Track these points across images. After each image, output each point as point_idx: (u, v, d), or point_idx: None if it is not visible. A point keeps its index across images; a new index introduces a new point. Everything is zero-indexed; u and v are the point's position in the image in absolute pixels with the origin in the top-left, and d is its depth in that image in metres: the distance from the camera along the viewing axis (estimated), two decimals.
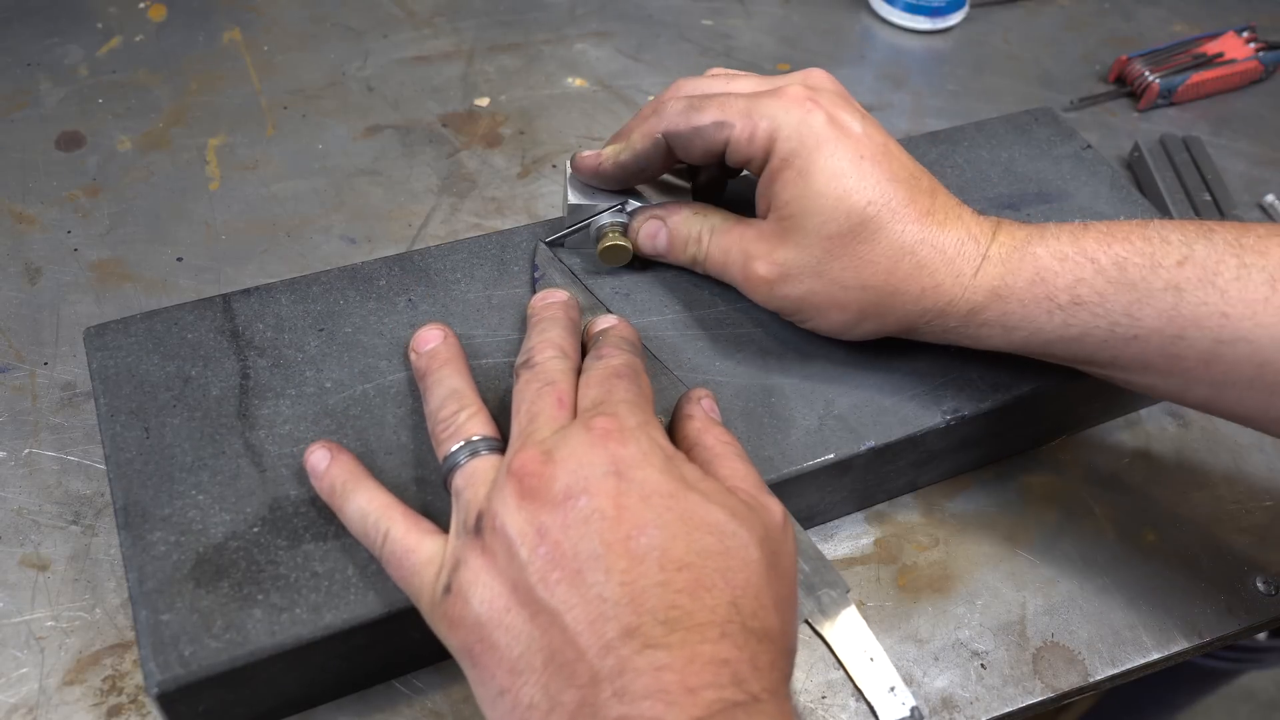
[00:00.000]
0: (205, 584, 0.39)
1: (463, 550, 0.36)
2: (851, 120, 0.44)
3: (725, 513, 0.35)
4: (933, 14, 0.82)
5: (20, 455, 0.51)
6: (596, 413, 0.37)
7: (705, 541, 0.34)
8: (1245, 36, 0.80)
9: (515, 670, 0.33)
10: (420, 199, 0.65)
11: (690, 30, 0.81)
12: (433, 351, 0.43)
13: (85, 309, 0.57)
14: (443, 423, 0.40)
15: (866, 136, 0.43)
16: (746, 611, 0.33)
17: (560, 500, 0.34)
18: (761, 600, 0.34)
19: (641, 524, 0.33)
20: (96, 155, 0.66)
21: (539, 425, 0.37)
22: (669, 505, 0.34)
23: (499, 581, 0.34)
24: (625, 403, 0.37)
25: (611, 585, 0.32)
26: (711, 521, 0.34)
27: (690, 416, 0.42)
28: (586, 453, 0.35)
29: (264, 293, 0.49)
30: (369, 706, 0.43)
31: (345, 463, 0.41)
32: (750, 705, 0.31)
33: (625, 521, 0.33)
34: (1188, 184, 0.68)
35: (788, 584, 0.36)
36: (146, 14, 0.77)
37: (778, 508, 0.37)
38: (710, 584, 0.33)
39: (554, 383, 0.39)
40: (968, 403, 0.48)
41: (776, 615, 0.34)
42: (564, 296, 0.45)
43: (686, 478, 0.36)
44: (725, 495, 0.36)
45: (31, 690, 0.43)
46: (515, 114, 0.72)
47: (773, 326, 0.50)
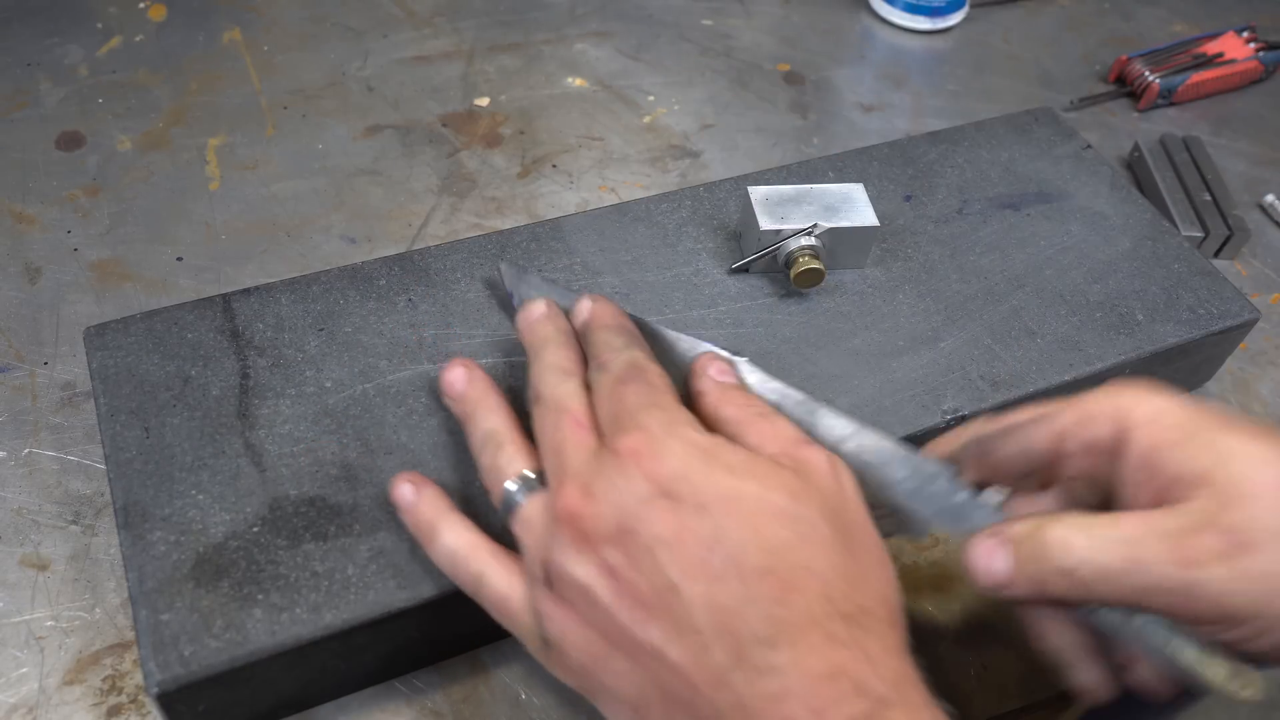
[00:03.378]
0: (205, 584, 0.39)
1: (541, 603, 0.35)
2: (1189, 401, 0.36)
3: (785, 495, 0.33)
4: (933, 14, 0.82)
5: (20, 455, 0.51)
6: (618, 431, 0.35)
7: (775, 535, 0.32)
8: (1245, 36, 0.80)
9: (637, 708, 0.33)
10: (420, 199, 0.65)
11: (690, 30, 0.81)
12: (461, 395, 0.42)
13: (85, 309, 0.57)
14: (487, 471, 0.39)
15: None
16: (839, 596, 0.32)
17: (615, 536, 0.33)
18: (849, 576, 0.32)
19: (707, 540, 0.32)
20: (96, 155, 0.66)
21: (568, 457, 0.36)
22: (727, 509, 0.32)
23: (589, 630, 0.33)
24: (643, 409, 0.36)
25: (700, 613, 0.31)
26: (774, 510, 0.33)
27: (702, 393, 0.40)
28: (624, 481, 0.33)
29: (264, 293, 0.49)
30: (369, 706, 0.43)
31: (432, 498, 0.40)
32: (878, 713, 0.30)
33: (689, 542, 0.32)
34: (1188, 184, 0.68)
35: (864, 538, 0.34)
36: (146, 14, 0.77)
37: (820, 456, 0.35)
38: (796, 582, 0.31)
39: (566, 409, 0.37)
40: (968, 403, 0.48)
41: (868, 584, 0.33)
42: (543, 309, 0.43)
43: (732, 466, 0.34)
44: (775, 471, 0.34)
45: (31, 690, 0.43)
46: (515, 114, 0.72)
47: (773, 326, 0.50)
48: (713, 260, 0.53)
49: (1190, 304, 0.53)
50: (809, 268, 0.49)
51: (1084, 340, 0.51)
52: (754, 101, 0.75)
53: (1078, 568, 0.34)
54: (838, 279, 0.53)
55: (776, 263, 0.51)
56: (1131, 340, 0.51)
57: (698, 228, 0.55)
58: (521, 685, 0.44)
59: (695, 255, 0.53)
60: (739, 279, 0.52)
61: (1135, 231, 0.57)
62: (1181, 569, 0.33)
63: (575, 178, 0.68)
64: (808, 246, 0.50)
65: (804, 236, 0.50)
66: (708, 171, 0.69)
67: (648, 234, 0.54)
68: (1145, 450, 0.35)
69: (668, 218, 0.55)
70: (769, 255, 0.51)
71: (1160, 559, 0.33)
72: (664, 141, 0.71)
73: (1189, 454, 0.34)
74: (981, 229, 0.56)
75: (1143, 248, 0.56)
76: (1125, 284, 0.54)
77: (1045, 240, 0.56)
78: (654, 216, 0.55)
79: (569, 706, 0.44)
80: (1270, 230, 0.69)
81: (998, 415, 0.39)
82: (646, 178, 0.68)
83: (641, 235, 0.54)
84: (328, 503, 0.42)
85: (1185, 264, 0.55)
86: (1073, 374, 0.50)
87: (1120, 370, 0.51)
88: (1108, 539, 0.34)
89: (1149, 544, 0.33)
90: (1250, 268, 0.66)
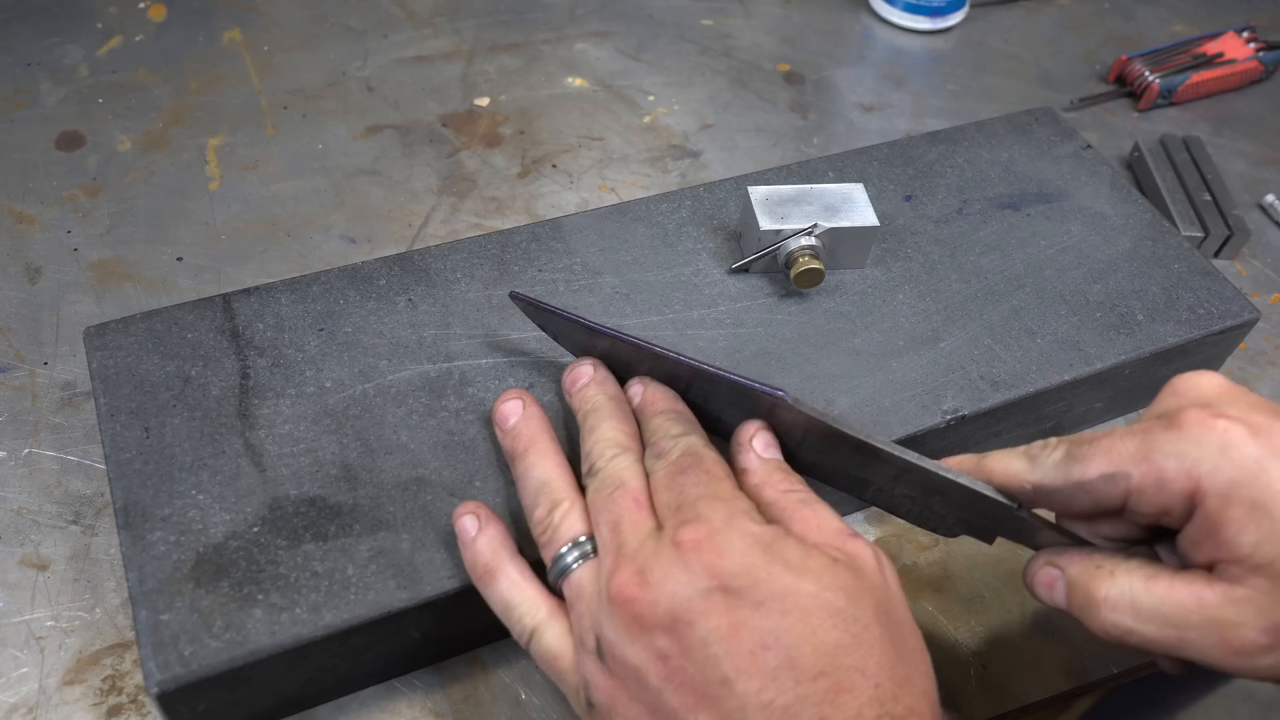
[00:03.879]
0: (205, 584, 0.39)
1: (591, 671, 0.35)
2: (1274, 423, 0.35)
3: (841, 595, 0.33)
4: (933, 14, 0.82)
5: (20, 455, 0.51)
6: (679, 521, 0.35)
7: (831, 636, 0.32)
8: (1245, 36, 0.80)
9: None
10: (420, 199, 0.65)
11: (690, 30, 0.81)
12: (515, 430, 0.41)
13: (85, 309, 0.57)
14: (539, 525, 0.39)
15: None
16: (889, 698, 0.32)
17: (669, 625, 0.33)
18: (898, 677, 0.32)
19: (763, 638, 0.32)
20: (96, 155, 0.66)
21: (625, 536, 0.35)
22: (784, 608, 0.32)
23: (638, 706, 0.33)
24: (703, 500, 0.35)
25: (752, 710, 0.31)
26: (831, 610, 0.33)
27: (745, 470, 0.39)
28: (682, 572, 0.33)
29: (264, 292, 0.49)
30: (369, 706, 0.43)
31: (492, 540, 0.39)
32: None
33: (745, 639, 0.32)
34: (1188, 184, 0.68)
35: (909, 635, 0.34)
36: (146, 14, 0.77)
37: (867, 551, 0.35)
38: (849, 684, 0.31)
39: (623, 484, 0.37)
40: (968, 403, 0.48)
41: (914, 683, 0.33)
42: (589, 373, 0.43)
43: (791, 563, 0.33)
44: (831, 570, 0.34)
45: (31, 690, 0.43)
46: (515, 114, 0.72)
47: (773, 326, 0.50)
48: (713, 260, 0.53)
49: (1190, 304, 0.53)
50: (809, 268, 0.49)
51: (1084, 340, 0.51)
52: (754, 101, 0.75)
53: (1125, 635, 0.36)
54: (838, 279, 0.53)
55: (776, 263, 0.51)
56: (1131, 340, 0.51)
57: (698, 228, 0.55)
58: (521, 685, 0.44)
59: (695, 255, 0.53)
60: (739, 279, 0.52)
61: (1135, 231, 0.57)
62: (1228, 656, 0.34)
63: (575, 178, 0.68)
64: (808, 246, 0.50)
65: (804, 236, 0.50)
66: (708, 171, 0.69)
67: (648, 234, 0.54)
68: (1212, 521, 0.34)
69: (668, 218, 0.55)
70: (769, 255, 0.51)
71: (1207, 643, 0.34)
72: (664, 141, 0.71)
73: (1252, 531, 0.33)
74: (981, 229, 0.56)
75: (1143, 248, 0.56)
76: (1125, 284, 0.54)
77: (1045, 240, 0.56)
78: (654, 216, 0.55)
79: (569, 707, 0.44)
80: (1270, 230, 0.69)
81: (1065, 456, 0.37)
82: (646, 178, 0.68)
83: (641, 235, 0.54)
84: (328, 503, 0.42)
85: (1185, 264, 0.55)
86: (1073, 374, 0.50)
87: (1120, 370, 0.51)
88: (1157, 617, 0.35)
89: (1198, 629, 0.34)
90: (1250, 268, 0.66)
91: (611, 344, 0.43)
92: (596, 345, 0.43)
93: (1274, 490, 0.33)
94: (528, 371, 0.47)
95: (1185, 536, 0.35)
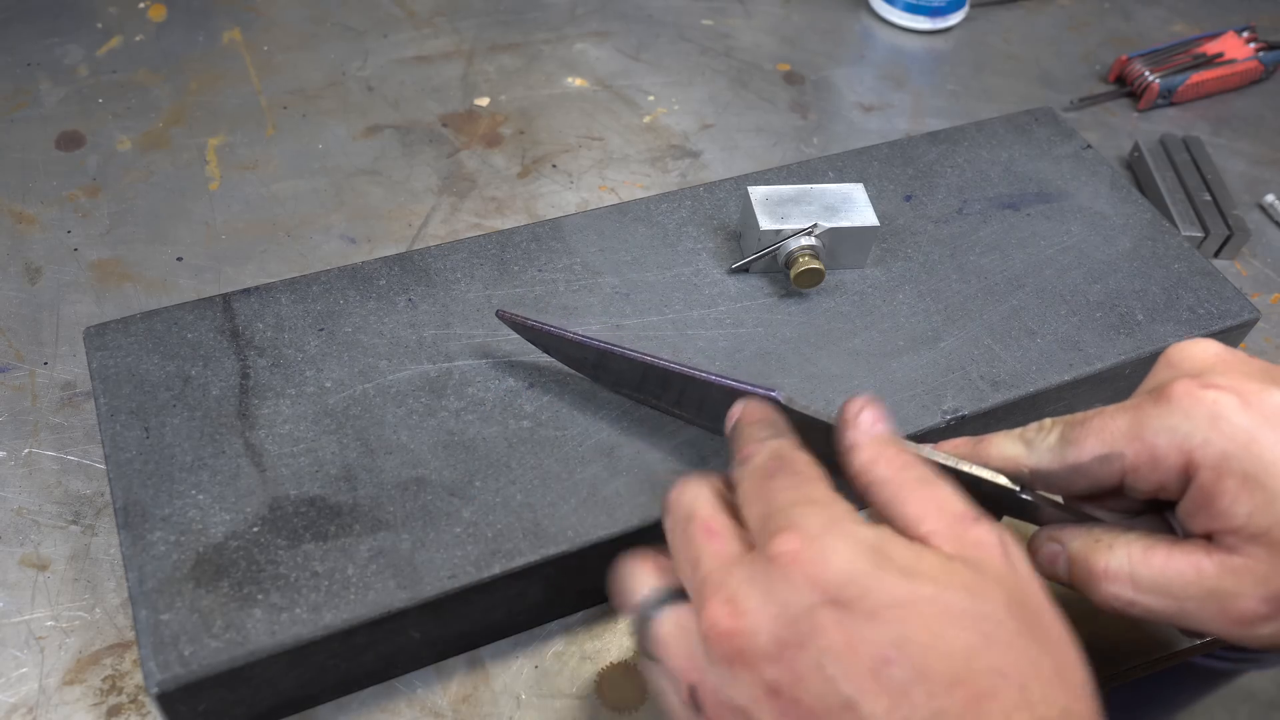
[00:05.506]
0: (205, 584, 0.39)
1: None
2: (1268, 391, 0.34)
3: (964, 594, 0.29)
4: (933, 14, 0.82)
5: (20, 455, 0.51)
6: (771, 532, 0.31)
7: (960, 640, 0.29)
8: (1245, 36, 0.80)
9: None
10: (420, 199, 0.65)
11: (690, 30, 0.81)
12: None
13: (85, 309, 0.57)
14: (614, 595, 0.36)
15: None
16: (1039, 700, 0.28)
17: (776, 653, 0.29)
18: (1045, 674, 0.29)
19: (884, 651, 0.28)
20: (96, 155, 0.66)
21: (706, 569, 0.32)
22: (903, 615, 0.29)
23: None
24: (795, 505, 0.32)
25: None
26: (956, 612, 0.29)
27: (853, 448, 0.35)
28: (783, 590, 0.30)
29: (264, 292, 0.49)
30: (369, 706, 0.43)
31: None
32: None
33: (864, 654, 0.28)
34: (1188, 184, 0.68)
35: (1051, 624, 0.31)
36: (146, 14, 0.77)
37: (991, 536, 0.32)
38: (990, 689, 0.28)
39: (692, 515, 0.34)
40: (968, 403, 0.48)
41: (1065, 678, 0.30)
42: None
43: (904, 566, 0.30)
44: (950, 568, 0.30)
45: (31, 690, 0.43)
46: (515, 114, 0.72)
47: (773, 326, 0.50)
48: (713, 260, 0.53)
49: (1190, 304, 0.53)
50: (809, 268, 0.49)
51: (1084, 340, 0.51)
52: (754, 101, 0.75)
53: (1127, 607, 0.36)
54: (838, 279, 0.53)
55: (776, 263, 0.51)
56: (1131, 340, 0.51)
57: (698, 228, 0.55)
58: (521, 685, 0.44)
59: (695, 255, 0.53)
60: (739, 279, 0.52)
61: (1135, 231, 0.57)
62: (1229, 625, 0.34)
63: (575, 178, 0.68)
64: (808, 246, 0.50)
65: (804, 236, 0.50)
66: (708, 171, 0.69)
67: (648, 234, 0.54)
68: (1206, 494, 0.34)
69: (668, 218, 0.55)
70: (769, 255, 0.51)
71: (1207, 613, 0.35)
72: (664, 141, 0.71)
73: (1245, 502, 0.33)
74: (981, 229, 0.56)
75: (1143, 248, 0.56)
76: (1125, 284, 0.54)
77: (1045, 240, 0.56)
78: (654, 216, 0.55)
79: (569, 707, 0.44)
80: (1270, 230, 0.69)
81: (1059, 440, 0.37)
82: (646, 178, 0.68)
83: (641, 235, 0.54)
84: (328, 503, 0.42)
85: (1185, 264, 0.55)
86: (1073, 374, 0.50)
87: (1120, 370, 0.51)
88: (1156, 587, 0.35)
89: (1197, 599, 0.35)
90: (1250, 268, 0.66)
91: (600, 355, 0.43)
92: (586, 357, 0.43)
93: (1265, 460, 0.33)
94: (527, 372, 0.47)
95: (1182, 508, 0.35)
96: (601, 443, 0.45)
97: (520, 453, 0.44)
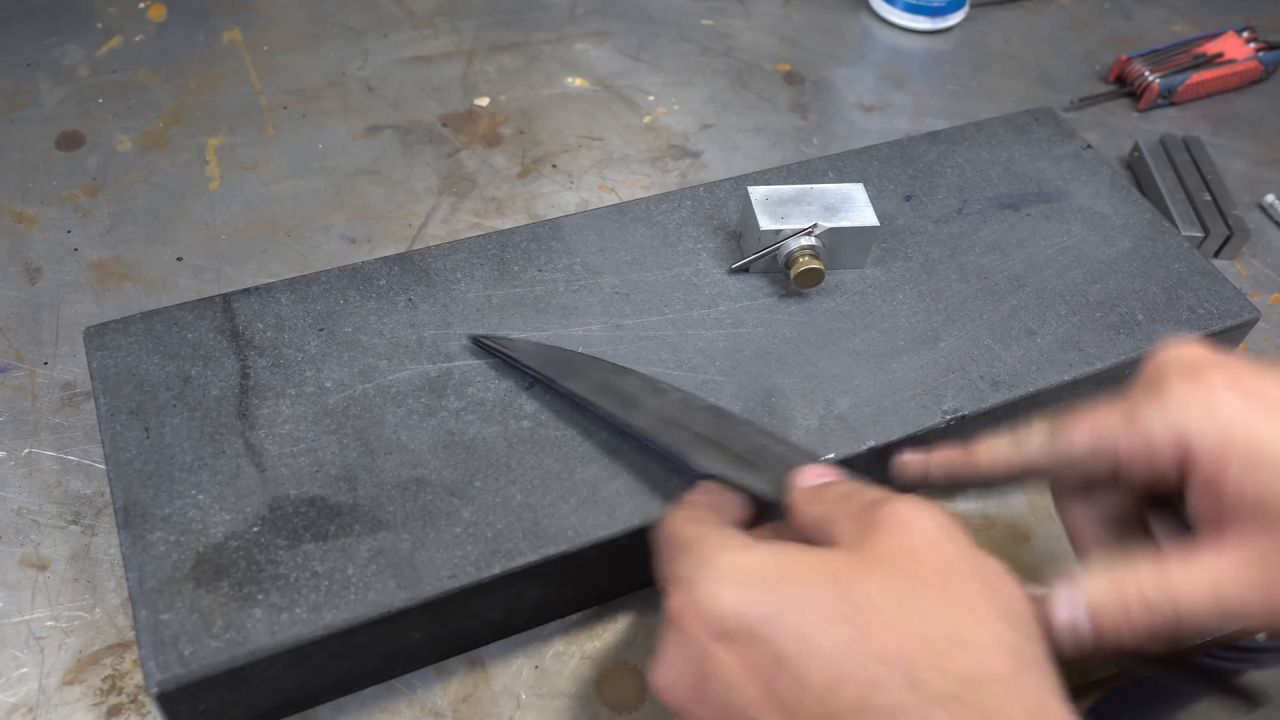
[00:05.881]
0: (205, 584, 0.39)
1: None
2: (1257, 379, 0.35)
3: (833, 588, 0.30)
4: (933, 14, 0.82)
5: (20, 455, 0.51)
6: (668, 595, 0.33)
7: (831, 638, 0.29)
8: (1245, 36, 0.80)
9: None
10: (420, 199, 0.65)
11: (690, 30, 0.81)
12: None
13: (85, 309, 0.57)
14: None
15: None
16: (928, 675, 0.28)
17: (694, 697, 0.32)
18: (937, 646, 0.29)
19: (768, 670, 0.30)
20: (96, 155, 0.66)
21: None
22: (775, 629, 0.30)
23: None
24: (675, 560, 0.34)
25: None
26: (825, 610, 0.30)
27: (790, 507, 0.37)
28: (683, 643, 0.32)
29: (264, 292, 0.49)
30: (369, 706, 0.43)
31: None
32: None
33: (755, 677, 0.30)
34: (1188, 184, 0.68)
35: (955, 585, 0.31)
36: (146, 14, 0.77)
37: (890, 509, 0.32)
38: (873, 679, 0.29)
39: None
40: (968, 403, 0.48)
41: (970, 642, 0.29)
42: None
43: (768, 578, 0.31)
44: (811, 563, 0.31)
45: (31, 690, 0.43)
46: (515, 114, 0.72)
47: (773, 326, 0.50)
48: (713, 260, 0.53)
49: (1190, 304, 0.53)
50: (809, 268, 0.49)
51: (1084, 340, 0.51)
52: (754, 101, 0.75)
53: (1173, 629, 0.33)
54: (838, 279, 0.53)
55: (776, 263, 0.51)
56: (1131, 340, 0.51)
57: (698, 228, 0.55)
58: (521, 685, 0.44)
59: (695, 255, 0.53)
60: (739, 279, 0.52)
61: (1135, 231, 0.57)
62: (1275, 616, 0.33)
63: (575, 178, 0.68)
64: (808, 246, 0.50)
65: (804, 236, 0.50)
66: (708, 171, 0.69)
67: (648, 234, 0.54)
68: (1213, 478, 0.34)
69: (668, 218, 0.55)
70: (769, 255, 0.51)
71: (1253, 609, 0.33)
72: (664, 141, 0.71)
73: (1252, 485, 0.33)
74: (981, 229, 0.56)
75: (1143, 248, 0.56)
76: (1125, 284, 0.54)
77: (1045, 240, 0.56)
78: (654, 216, 0.55)
79: (569, 707, 0.44)
80: (1270, 230, 0.69)
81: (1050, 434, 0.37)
82: (646, 178, 0.68)
83: (641, 235, 0.54)
84: (328, 503, 0.42)
85: (1185, 264, 0.55)
86: (1073, 374, 0.50)
87: (1120, 370, 0.51)
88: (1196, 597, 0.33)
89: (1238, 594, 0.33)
90: (1250, 268, 0.66)
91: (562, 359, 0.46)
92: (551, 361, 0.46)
93: (1265, 441, 0.33)
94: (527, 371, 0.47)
95: (1191, 499, 0.35)
96: (601, 443, 0.45)
97: (520, 453, 0.44)
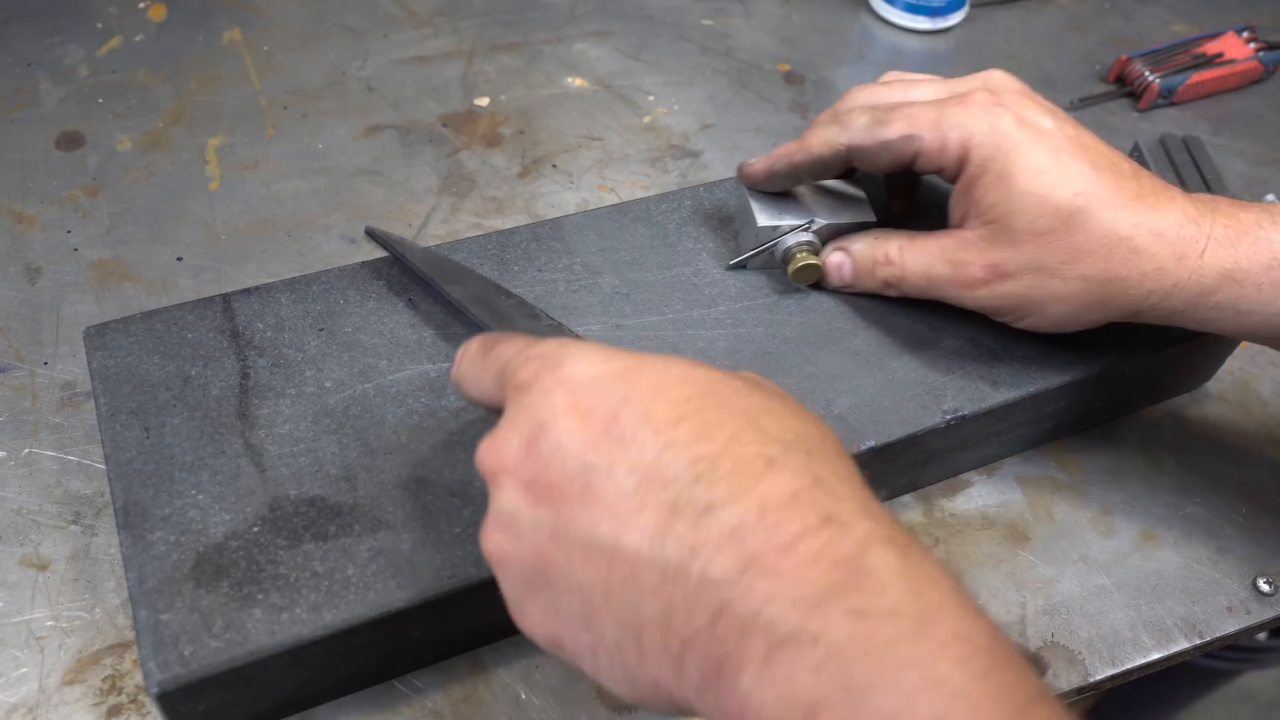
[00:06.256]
0: (205, 584, 0.39)
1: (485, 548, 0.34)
2: (1040, 117, 0.44)
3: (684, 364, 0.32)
4: (933, 14, 0.82)
5: (20, 455, 0.51)
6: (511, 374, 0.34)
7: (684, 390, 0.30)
8: (1245, 36, 0.80)
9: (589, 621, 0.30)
10: (420, 199, 0.65)
11: (690, 30, 0.81)
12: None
13: (85, 309, 0.57)
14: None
15: (1059, 131, 0.44)
16: (771, 427, 0.30)
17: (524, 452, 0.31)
18: (775, 412, 0.31)
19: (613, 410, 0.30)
20: (96, 155, 0.66)
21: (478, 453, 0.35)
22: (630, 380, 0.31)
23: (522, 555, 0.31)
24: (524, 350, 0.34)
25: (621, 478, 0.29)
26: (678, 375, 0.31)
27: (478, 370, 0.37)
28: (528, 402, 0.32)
29: (264, 292, 0.49)
30: (369, 706, 0.43)
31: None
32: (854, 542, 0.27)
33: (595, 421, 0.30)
34: (1188, 184, 0.68)
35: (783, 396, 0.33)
36: (146, 14, 0.77)
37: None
38: (716, 421, 0.29)
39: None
40: (968, 403, 0.48)
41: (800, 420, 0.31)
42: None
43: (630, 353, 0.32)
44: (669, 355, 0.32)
45: (31, 690, 0.43)
46: (515, 114, 0.72)
47: (773, 326, 0.50)
48: (713, 260, 0.53)
49: None
50: (807, 264, 0.50)
51: (1084, 340, 0.51)
52: (754, 101, 0.75)
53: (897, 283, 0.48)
54: None
55: (774, 259, 0.51)
56: (1131, 340, 0.51)
57: (698, 228, 0.55)
58: (521, 685, 0.44)
59: (695, 255, 0.53)
60: (739, 279, 0.52)
61: None
62: (958, 288, 0.46)
63: (575, 178, 0.68)
64: (805, 242, 0.50)
65: (801, 232, 0.50)
66: (708, 171, 0.69)
67: (648, 234, 0.54)
68: (969, 182, 0.44)
69: (668, 218, 0.55)
70: (766, 251, 0.51)
71: (946, 279, 0.46)
72: (664, 141, 0.71)
73: (992, 194, 0.44)
74: None
75: None
76: None
77: None
78: (654, 216, 0.55)
79: (569, 707, 0.44)
80: None
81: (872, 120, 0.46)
82: (646, 178, 0.68)
83: (641, 235, 0.54)
84: (328, 503, 0.42)
85: None
86: (1073, 374, 0.50)
87: (1120, 370, 0.51)
88: (915, 264, 0.47)
89: (940, 267, 0.46)
90: None
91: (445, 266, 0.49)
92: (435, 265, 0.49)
93: (1019, 167, 0.43)
94: None
95: (952, 196, 0.46)
96: None
97: None
